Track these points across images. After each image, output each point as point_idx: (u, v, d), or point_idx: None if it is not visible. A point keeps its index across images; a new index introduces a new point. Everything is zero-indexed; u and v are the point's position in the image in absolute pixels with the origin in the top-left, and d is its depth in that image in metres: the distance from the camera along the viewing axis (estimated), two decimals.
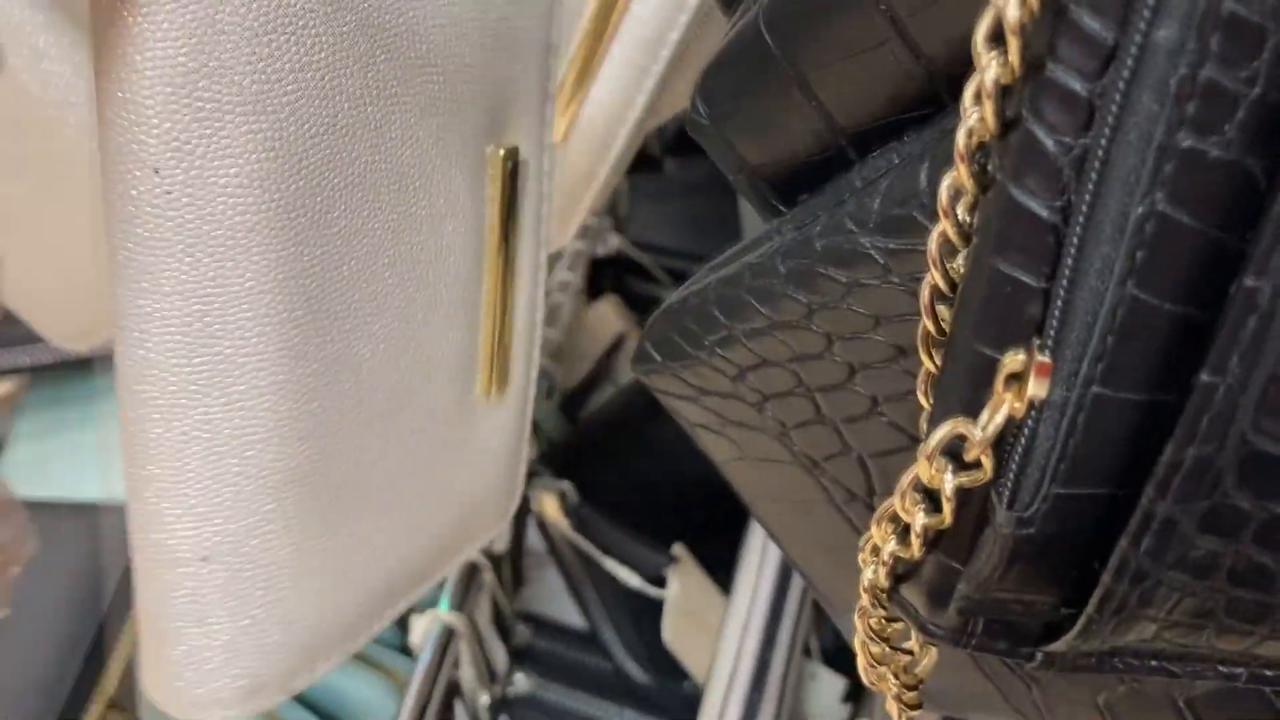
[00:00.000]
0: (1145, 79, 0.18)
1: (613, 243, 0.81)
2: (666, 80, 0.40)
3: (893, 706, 0.29)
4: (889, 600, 0.24)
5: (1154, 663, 0.23)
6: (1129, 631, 0.22)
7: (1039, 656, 0.23)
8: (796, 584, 0.59)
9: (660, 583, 0.64)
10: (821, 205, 0.27)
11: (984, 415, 0.21)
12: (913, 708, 0.29)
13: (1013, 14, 0.19)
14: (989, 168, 0.21)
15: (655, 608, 0.63)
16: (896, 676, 0.29)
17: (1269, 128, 0.18)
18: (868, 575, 0.24)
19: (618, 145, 0.41)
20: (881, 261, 0.25)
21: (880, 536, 0.24)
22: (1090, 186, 0.19)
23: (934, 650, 0.29)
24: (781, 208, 0.29)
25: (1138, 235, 0.18)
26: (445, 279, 0.29)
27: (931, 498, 0.23)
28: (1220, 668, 0.23)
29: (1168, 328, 0.19)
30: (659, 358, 0.30)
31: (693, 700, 0.61)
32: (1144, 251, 0.19)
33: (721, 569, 0.65)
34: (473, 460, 0.32)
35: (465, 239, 0.29)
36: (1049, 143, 0.19)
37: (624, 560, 0.64)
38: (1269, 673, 0.24)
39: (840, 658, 0.65)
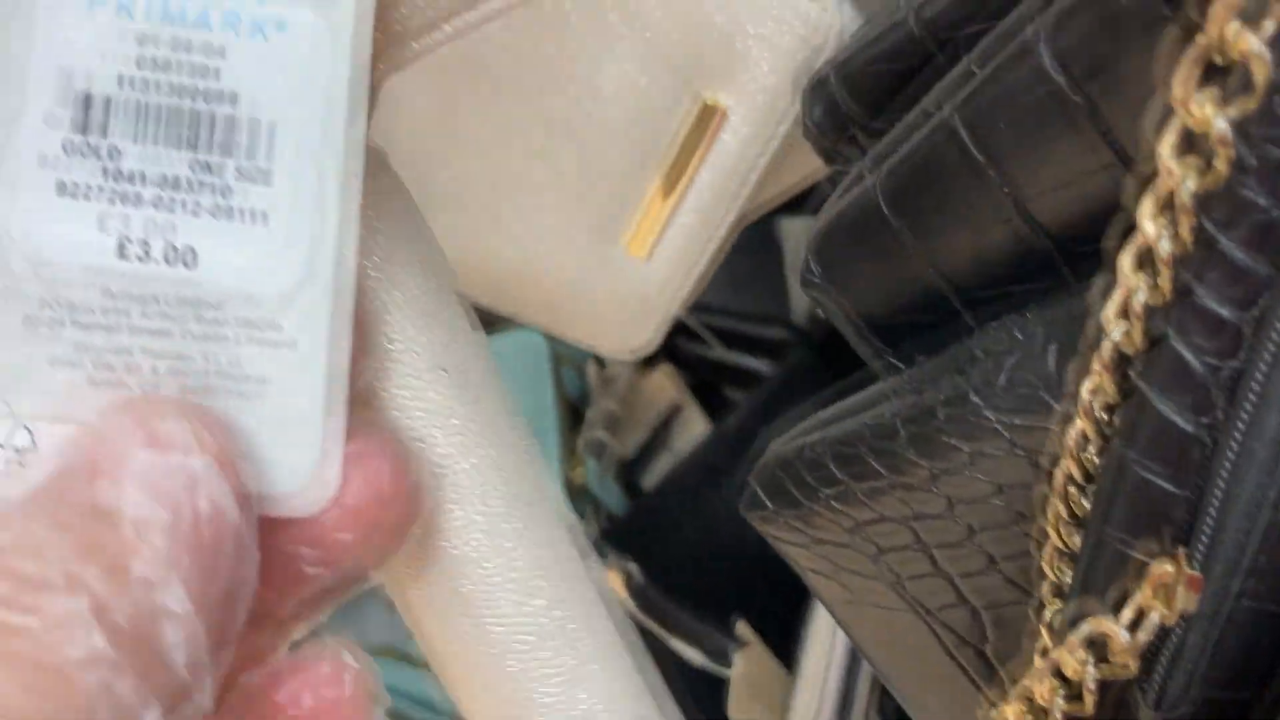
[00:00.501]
0: None
1: None
2: (750, 201, 0.41)
3: None
4: None
5: None
6: None
7: None
8: (866, 667, 0.60)
9: (725, 659, 0.64)
10: (941, 370, 0.27)
11: (1126, 614, 0.22)
12: None
13: (1165, 248, 0.20)
14: (1131, 374, 0.22)
15: (720, 685, 0.64)
16: None
17: None
18: None
19: (702, 264, 0.42)
20: (1007, 436, 0.26)
21: (1016, 715, 0.24)
22: (1245, 413, 0.19)
23: None
24: (893, 359, 0.30)
25: None
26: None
27: (1070, 683, 0.23)
28: None
29: None
30: (771, 505, 0.31)
31: None
32: None
33: (783, 641, 0.65)
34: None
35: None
36: (1196, 364, 0.20)
37: (688, 638, 0.64)
38: None
39: None
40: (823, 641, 0.61)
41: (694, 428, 0.75)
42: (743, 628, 0.64)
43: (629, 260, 0.42)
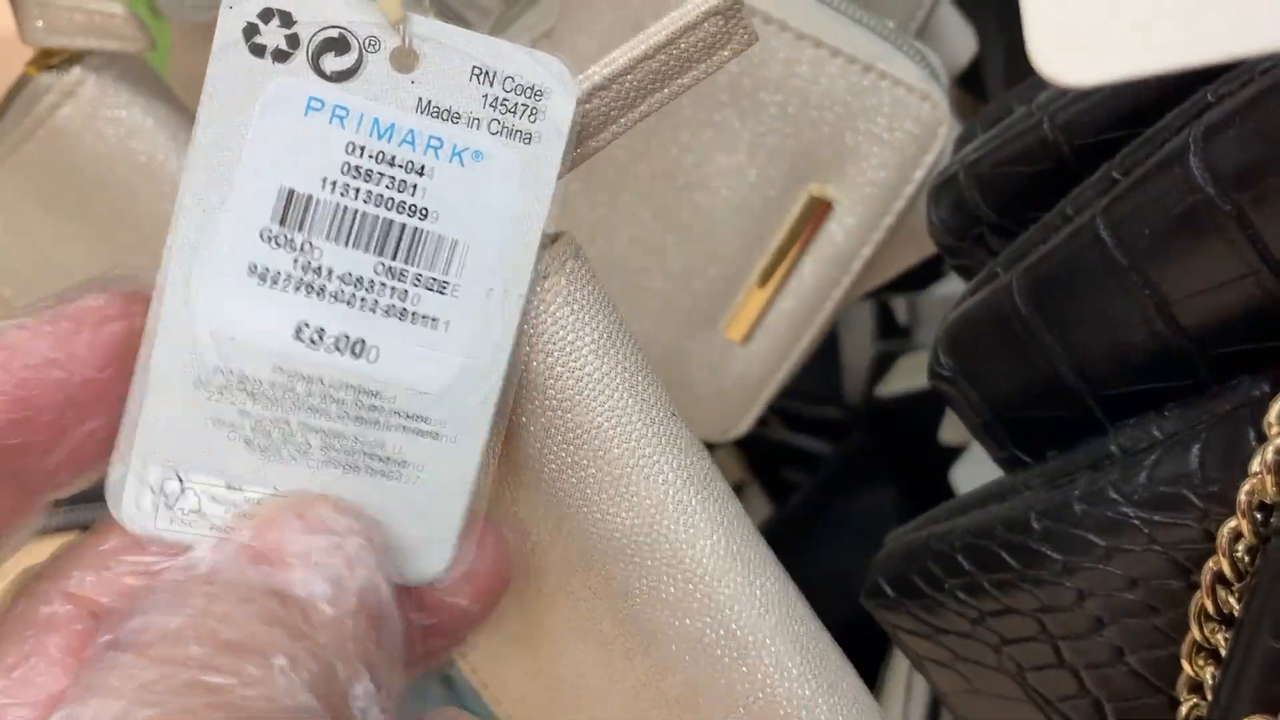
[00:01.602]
0: None
1: None
2: (852, 291, 0.42)
3: None
4: None
5: None
6: None
7: None
8: None
9: None
10: (1077, 466, 0.28)
11: None
12: None
13: None
14: (1271, 525, 0.22)
15: None
16: None
17: None
18: None
19: (800, 348, 0.43)
20: (1146, 532, 0.26)
21: None
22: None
23: None
24: (1021, 455, 0.30)
25: None
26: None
27: None
28: None
29: None
30: (894, 594, 0.32)
31: None
32: None
33: None
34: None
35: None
36: None
37: None
38: None
39: None
40: (895, 712, 0.61)
41: (757, 507, 0.76)
42: None
43: (727, 344, 0.43)
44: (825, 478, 0.75)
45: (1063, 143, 0.29)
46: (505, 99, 0.23)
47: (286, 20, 0.22)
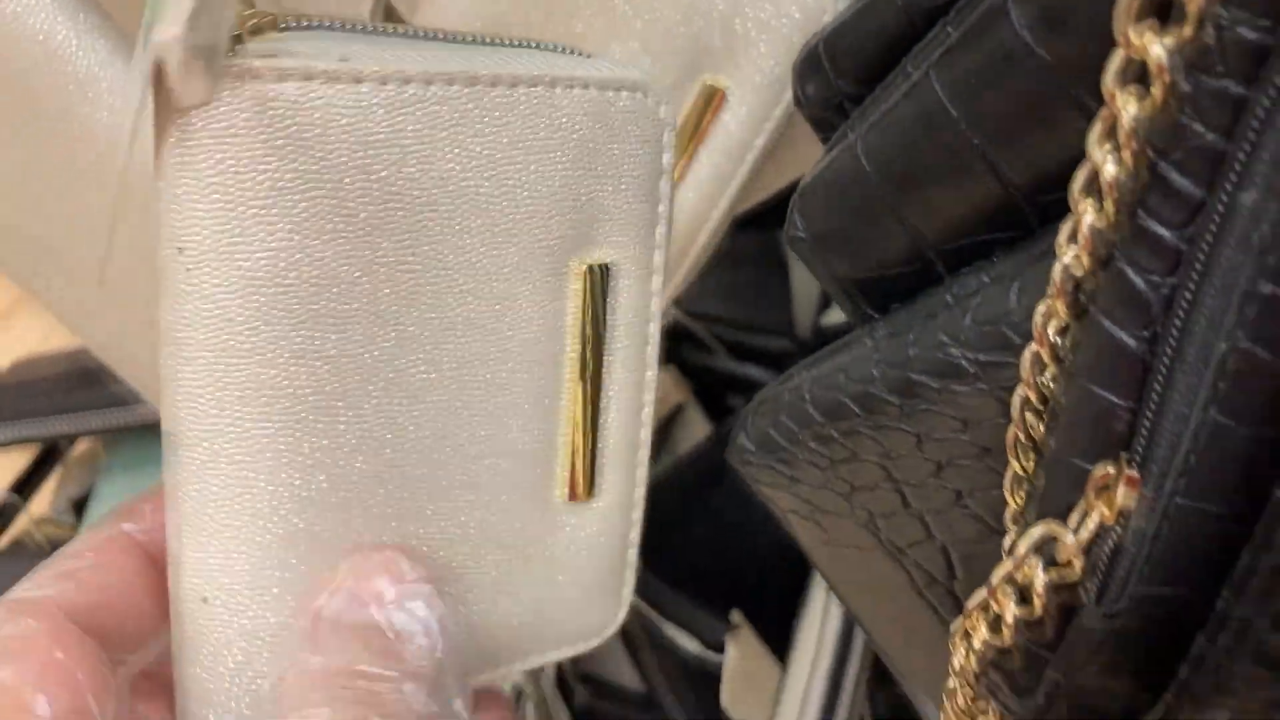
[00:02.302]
0: (1230, 234, 0.20)
1: (670, 314, 0.84)
2: (749, 182, 0.43)
3: None
4: (978, 684, 0.26)
5: None
6: (1202, 713, 0.24)
7: None
8: (855, 658, 0.61)
9: (718, 649, 0.65)
10: (914, 316, 0.29)
11: (1073, 518, 0.23)
12: None
13: (1110, 171, 0.22)
14: (1081, 299, 0.23)
15: (713, 674, 0.65)
16: None
17: None
18: (958, 660, 0.27)
19: (699, 245, 0.44)
20: (972, 371, 0.27)
21: (972, 625, 0.26)
22: (1178, 323, 0.21)
23: None
24: (874, 314, 0.31)
25: (1220, 368, 0.21)
26: (509, 383, 0.30)
27: (1022, 591, 0.25)
28: None
29: (1245, 447, 0.22)
30: (754, 449, 0.33)
31: None
32: (1226, 383, 0.21)
33: (776, 635, 0.67)
34: (548, 568, 0.32)
35: (537, 349, 0.30)
36: (1139, 282, 0.22)
37: (683, 626, 0.66)
38: None
39: None
40: (813, 633, 0.63)
41: (696, 429, 0.77)
42: (737, 616, 0.66)
43: None
44: None
45: (913, 7, 0.30)
46: None
47: None
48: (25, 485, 0.77)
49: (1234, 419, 0.21)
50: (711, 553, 0.68)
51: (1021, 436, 0.26)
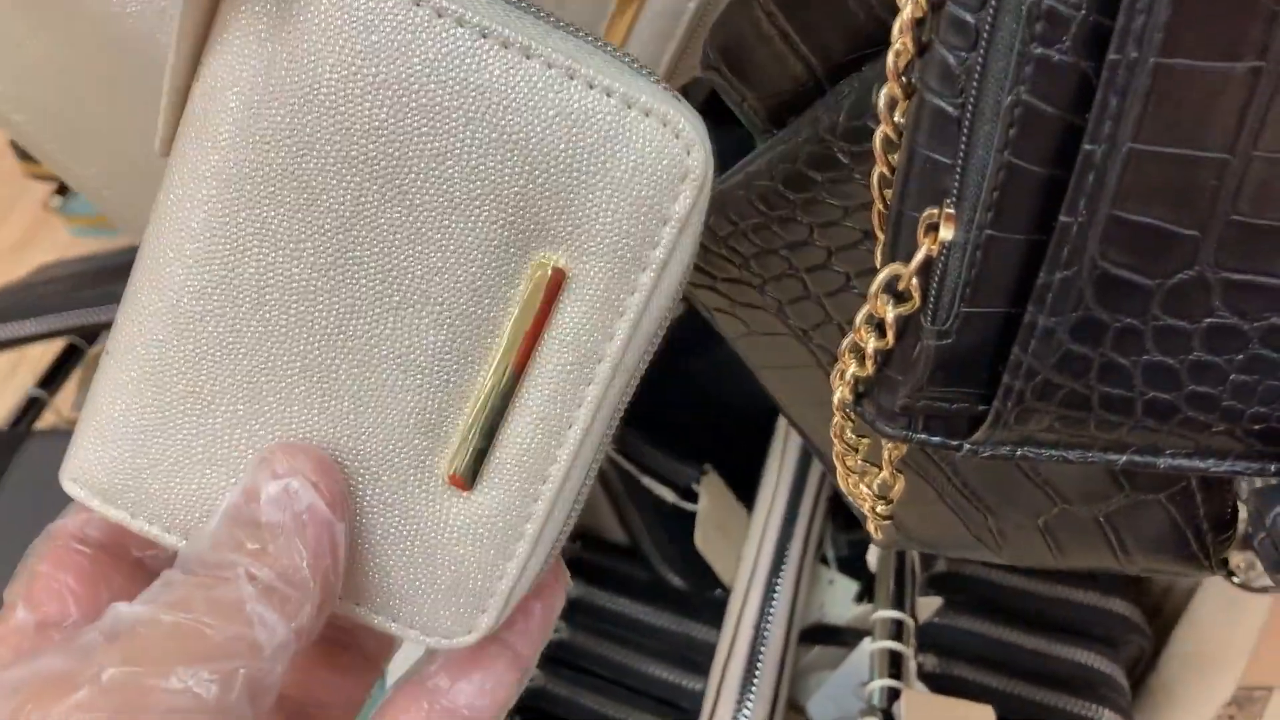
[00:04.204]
0: (1006, 7, 0.26)
1: None
2: (687, 45, 0.48)
3: (870, 517, 0.37)
4: (852, 412, 0.32)
5: (1053, 451, 0.31)
6: (1029, 421, 0.30)
7: (966, 446, 0.31)
8: (808, 499, 0.67)
9: (693, 498, 0.72)
10: (803, 122, 0.35)
11: (914, 258, 0.29)
12: (885, 518, 0.37)
13: None
14: (911, 80, 0.29)
15: (688, 521, 0.71)
16: (874, 494, 0.37)
17: (1094, 40, 0.26)
18: (837, 396, 0.32)
19: (668, 53, 0.49)
20: (846, 162, 0.33)
21: (845, 363, 0.32)
22: (975, 85, 0.27)
23: (902, 478, 0.37)
24: (775, 131, 0.37)
25: (1009, 117, 0.26)
26: (421, 333, 0.30)
27: (880, 328, 0.30)
28: (1103, 454, 0.31)
29: (1037, 184, 0.27)
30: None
31: (722, 604, 0.69)
32: (1015, 129, 0.27)
33: (745, 486, 0.73)
34: (422, 540, 0.32)
35: (461, 318, 0.30)
36: (950, 58, 0.27)
37: (660, 478, 0.72)
38: (1139, 459, 0.31)
39: (853, 565, 0.73)
40: (771, 479, 0.69)
41: None
42: (708, 468, 0.72)
43: None
44: None
45: None
46: None
47: None
48: (50, 381, 0.83)
49: (1024, 159, 0.27)
50: (687, 412, 0.74)
51: (881, 209, 0.31)
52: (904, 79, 0.29)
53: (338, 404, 0.30)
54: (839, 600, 0.72)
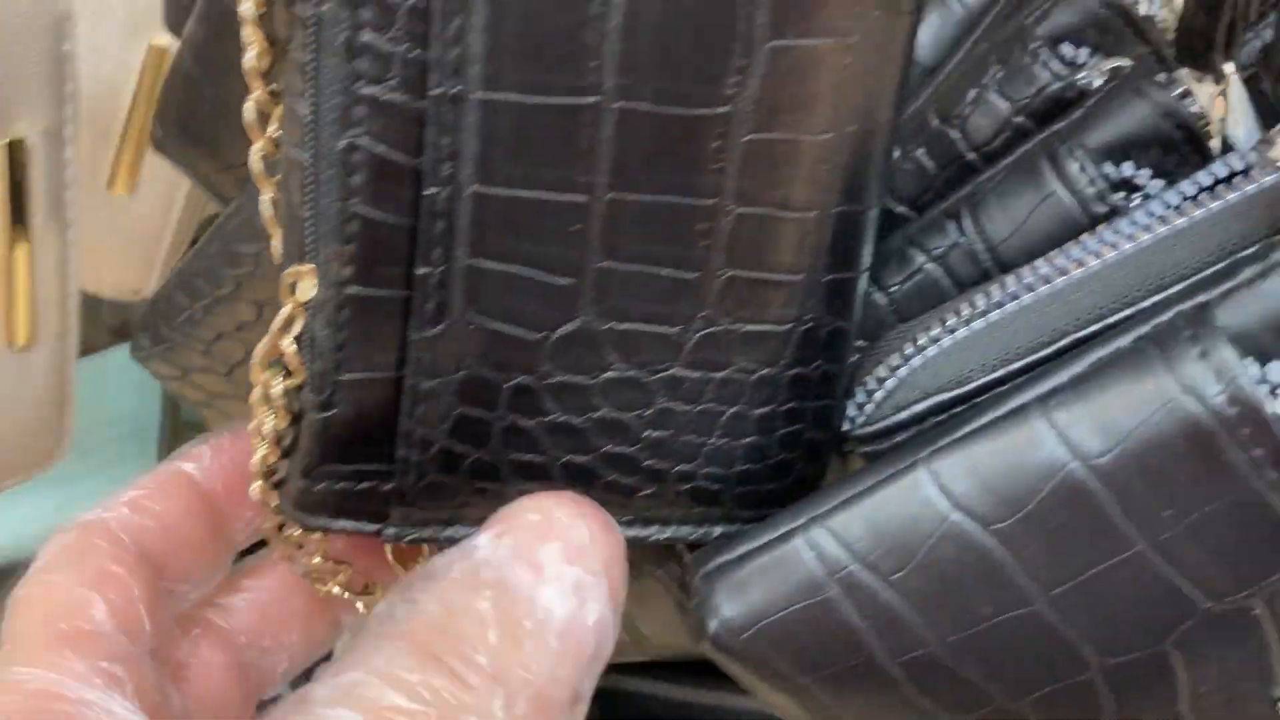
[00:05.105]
0: (327, 44, 0.24)
1: None
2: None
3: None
4: (272, 503, 0.29)
5: None
6: (442, 496, 0.28)
7: (388, 530, 0.28)
8: None
9: None
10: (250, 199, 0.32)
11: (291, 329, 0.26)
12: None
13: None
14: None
15: None
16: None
17: (421, 77, 0.24)
18: (255, 488, 0.29)
19: (183, 194, 0.46)
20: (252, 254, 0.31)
21: (254, 448, 0.29)
22: (310, 135, 0.24)
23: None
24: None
25: (346, 163, 0.24)
26: None
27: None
28: None
29: (390, 233, 0.25)
30: (149, 344, 0.35)
31: None
32: (358, 176, 0.24)
33: None
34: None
35: None
36: (296, 106, 0.25)
37: None
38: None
39: None
40: None
41: None
42: None
43: None
44: None
45: None
46: None
47: None
48: None
49: (378, 207, 0.25)
50: None
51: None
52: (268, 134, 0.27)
53: None
54: None
